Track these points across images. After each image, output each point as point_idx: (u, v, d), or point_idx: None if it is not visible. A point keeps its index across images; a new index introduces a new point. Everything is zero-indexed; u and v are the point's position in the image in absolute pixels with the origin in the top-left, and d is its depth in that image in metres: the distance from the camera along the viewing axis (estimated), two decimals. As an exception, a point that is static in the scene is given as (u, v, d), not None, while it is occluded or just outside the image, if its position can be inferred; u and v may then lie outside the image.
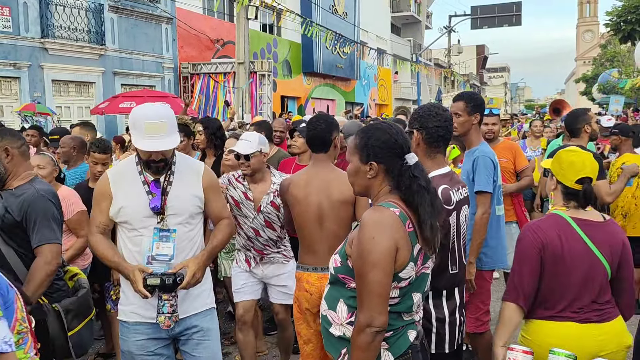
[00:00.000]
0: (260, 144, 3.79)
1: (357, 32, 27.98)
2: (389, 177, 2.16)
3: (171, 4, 17.03)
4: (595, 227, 2.53)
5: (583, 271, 2.48)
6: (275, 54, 22.08)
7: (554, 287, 2.50)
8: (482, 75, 69.42)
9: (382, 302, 2.02)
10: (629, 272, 2.58)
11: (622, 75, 28.96)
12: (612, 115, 17.65)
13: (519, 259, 2.56)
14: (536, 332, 2.54)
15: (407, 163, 2.14)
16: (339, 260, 2.20)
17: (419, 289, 2.17)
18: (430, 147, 2.74)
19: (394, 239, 2.03)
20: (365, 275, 2.03)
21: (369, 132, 2.21)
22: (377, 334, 2.02)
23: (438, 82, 44.55)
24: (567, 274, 2.48)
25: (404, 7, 39.64)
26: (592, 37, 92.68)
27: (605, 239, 2.51)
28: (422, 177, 2.14)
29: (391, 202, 2.13)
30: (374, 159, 2.16)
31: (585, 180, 2.52)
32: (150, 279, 2.59)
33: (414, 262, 2.09)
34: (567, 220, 2.53)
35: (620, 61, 39.20)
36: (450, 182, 2.72)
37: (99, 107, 12.68)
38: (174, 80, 17.57)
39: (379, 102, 32.62)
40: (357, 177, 2.23)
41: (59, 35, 13.68)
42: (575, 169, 2.53)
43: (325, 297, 2.28)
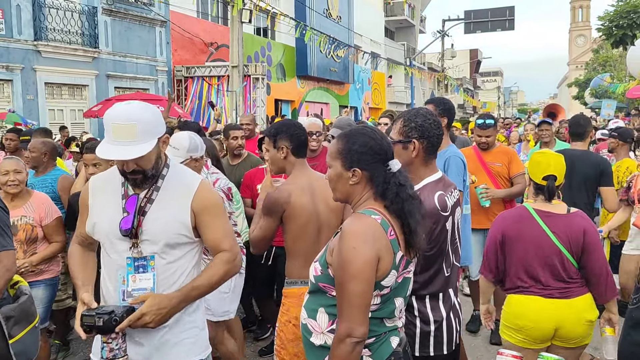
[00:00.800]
0: (190, 150, 3.42)
1: (351, 36, 28.05)
2: (371, 184, 2.11)
3: (165, 7, 17.01)
4: (556, 218, 3.00)
5: (541, 254, 2.96)
6: (269, 58, 22.09)
7: (517, 266, 3.02)
8: (475, 80, 69.73)
9: (362, 313, 1.98)
10: (596, 257, 2.94)
11: (614, 80, 29.15)
12: (604, 119, 17.71)
13: (487, 242, 3.17)
14: (510, 303, 3.06)
15: (391, 170, 2.09)
16: (320, 269, 2.15)
17: (400, 294, 2.15)
18: (428, 155, 2.66)
19: (375, 248, 1.99)
20: (345, 285, 1.98)
21: (353, 137, 2.13)
22: (356, 344, 1.98)
23: (432, 86, 44.70)
24: (525, 255, 3.00)
25: (397, 11, 39.77)
26: (585, 41, 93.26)
27: (563, 229, 2.96)
28: (408, 184, 2.09)
29: (372, 209, 2.07)
30: (358, 166, 2.09)
31: (550, 177, 3.00)
32: (86, 316, 2.10)
33: (396, 269, 2.06)
34: (529, 211, 3.04)
35: (612, 66, 39.44)
36: (444, 187, 2.69)
37: (92, 110, 12.65)
38: (168, 84, 17.54)
39: (373, 106, 32.67)
40: (338, 183, 2.16)
41: (52, 37, 13.64)
42: (541, 168, 3.02)
43: (305, 306, 2.23)
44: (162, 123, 2.28)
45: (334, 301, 2.08)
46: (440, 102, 3.92)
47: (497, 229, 3.11)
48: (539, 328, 2.94)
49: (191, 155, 3.46)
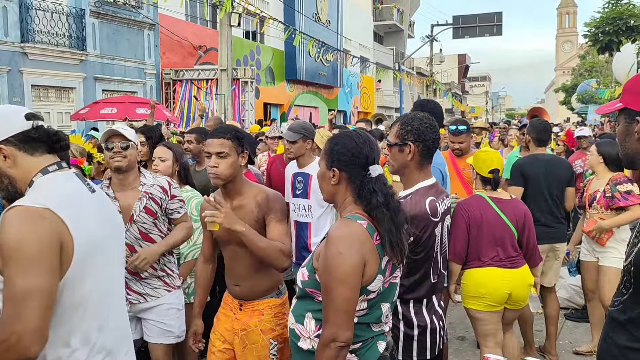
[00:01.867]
0: (136, 138, 3.33)
1: (340, 40, 28.10)
2: (351, 187, 2.14)
3: (154, 10, 16.95)
4: (505, 203, 3.67)
5: (497, 233, 3.58)
6: (258, 61, 22.07)
7: (480, 245, 3.59)
8: (463, 84, 70.14)
9: (347, 318, 2.00)
10: (531, 233, 3.71)
11: (601, 86, 29.45)
12: (590, 124, 17.88)
13: (453, 229, 3.49)
14: (473, 276, 3.63)
15: (370, 174, 2.12)
16: (307, 274, 2.16)
17: (387, 299, 2.15)
18: (423, 159, 2.68)
19: (361, 253, 2.00)
20: (331, 290, 1.99)
21: (337, 138, 2.21)
22: (341, 349, 2.00)
23: (420, 90, 44.89)
24: (486, 235, 3.58)
25: (386, 16, 39.92)
26: (571, 47, 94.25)
27: (511, 211, 3.64)
28: (381, 191, 2.09)
29: (358, 214, 2.09)
30: (337, 166, 2.15)
31: (494, 171, 3.66)
32: None
33: (382, 274, 2.07)
34: (485, 199, 3.66)
35: (598, 72, 39.84)
36: (436, 193, 2.70)
37: (80, 112, 12.54)
38: (156, 87, 17.46)
39: (362, 110, 32.75)
40: (323, 181, 2.24)
41: (39, 40, 13.54)
42: (487, 163, 3.68)
43: (293, 311, 2.24)
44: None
45: (321, 306, 2.08)
46: (427, 108, 3.76)
47: (464, 216, 3.58)
48: (497, 294, 3.58)
49: (136, 145, 3.31)
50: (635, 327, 1.63)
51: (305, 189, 4.37)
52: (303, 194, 4.39)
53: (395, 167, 2.74)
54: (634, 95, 1.67)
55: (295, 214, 4.44)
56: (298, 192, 4.42)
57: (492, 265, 3.58)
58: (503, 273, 3.58)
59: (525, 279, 3.65)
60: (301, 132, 4.39)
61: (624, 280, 1.69)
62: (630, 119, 1.67)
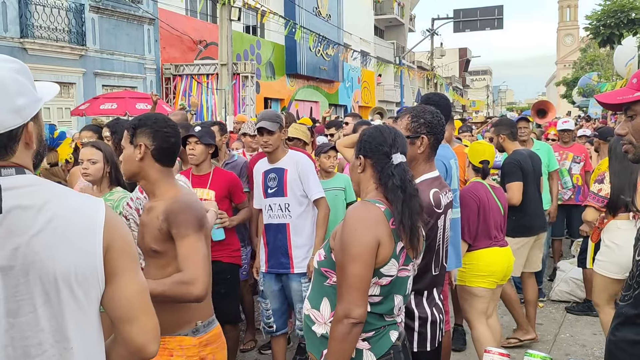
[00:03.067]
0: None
1: (341, 35, 28.03)
2: (374, 173, 2.23)
3: (153, 4, 16.90)
4: (497, 190, 4.23)
5: (494, 216, 4.03)
6: (259, 56, 22.02)
7: (487, 226, 4.00)
8: (464, 78, 70.00)
9: (361, 295, 2.05)
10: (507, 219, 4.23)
11: (602, 79, 29.37)
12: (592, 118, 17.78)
13: (466, 211, 3.91)
14: (483, 255, 3.99)
15: (392, 162, 2.19)
16: (323, 254, 2.23)
17: (400, 291, 2.20)
18: (432, 152, 2.76)
19: (376, 233, 2.07)
20: (345, 267, 2.06)
21: (367, 130, 2.34)
22: (354, 326, 2.04)
23: (421, 84, 44.80)
24: (489, 218, 4.01)
25: (387, 9, 39.80)
26: (573, 41, 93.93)
27: (501, 197, 4.18)
28: (399, 175, 2.17)
29: (377, 199, 2.18)
30: (363, 153, 2.26)
31: (484, 162, 4.09)
32: None
33: (396, 259, 2.12)
34: (485, 185, 4.11)
35: (599, 65, 39.72)
36: (439, 186, 2.75)
37: (79, 108, 12.52)
38: (156, 82, 17.43)
39: (363, 104, 32.70)
40: (353, 172, 2.34)
41: (38, 35, 13.50)
42: (479, 154, 4.13)
43: (309, 297, 2.29)
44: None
45: (335, 289, 2.14)
46: (434, 101, 3.59)
47: (474, 200, 3.97)
48: (502, 270, 4.02)
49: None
50: None
51: (281, 185, 3.98)
52: (278, 191, 3.98)
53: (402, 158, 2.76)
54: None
55: (269, 216, 4.04)
56: (271, 190, 4.01)
57: (495, 245, 4.02)
58: (503, 251, 4.06)
59: (512, 256, 4.19)
60: (278, 120, 3.99)
61: (635, 275, 1.66)
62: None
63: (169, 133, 2.34)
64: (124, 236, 1.47)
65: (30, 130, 1.44)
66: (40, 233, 1.33)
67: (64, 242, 1.35)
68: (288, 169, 3.98)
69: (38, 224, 1.34)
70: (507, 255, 4.10)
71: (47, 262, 1.32)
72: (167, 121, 2.41)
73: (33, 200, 1.36)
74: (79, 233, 1.38)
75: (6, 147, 1.38)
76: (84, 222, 1.40)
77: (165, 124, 2.36)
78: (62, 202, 1.40)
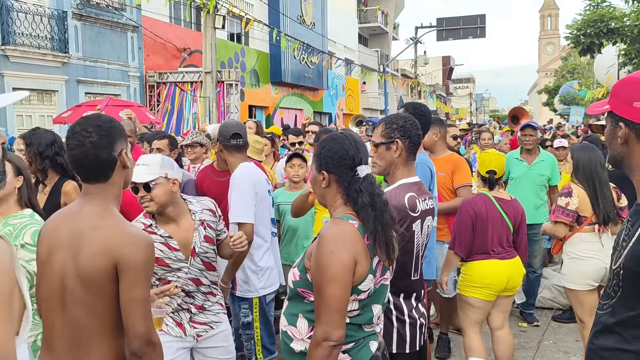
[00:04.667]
0: (163, 167, 2.87)
1: (325, 43, 28.11)
2: (340, 188, 2.18)
3: (137, 12, 16.82)
4: (506, 202, 4.05)
5: (498, 229, 3.96)
6: (243, 63, 22.00)
7: (484, 239, 3.95)
8: (448, 86, 70.52)
9: (339, 317, 2.02)
10: (523, 231, 4.12)
11: (582, 87, 29.81)
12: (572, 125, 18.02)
13: (459, 223, 3.97)
14: (478, 267, 3.98)
15: (358, 175, 2.15)
16: (298, 274, 2.18)
17: (378, 301, 2.19)
18: (409, 155, 2.77)
19: (352, 252, 2.04)
20: (323, 289, 2.02)
21: (325, 142, 2.25)
22: (334, 348, 2.02)
23: (405, 92, 45.05)
24: (490, 231, 3.95)
25: (371, 18, 40.02)
26: (554, 49, 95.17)
27: (510, 210, 4.02)
28: (367, 191, 2.13)
29: (349, 214, 2.14)
30: (325, 169, 2.20)
31: (491, 172, 4.02)
32: None
33: (373, 274, 2.10)
34: (489, 197, 4.02)
35: (580, 73, 40.30)
36: (418, 191, 2.76)
37: (62, 116, 12.39)
38: (140, 89, 17.33)
39: (347, 112, 32.78)
40: (315, 185, 2.28)
41: (20, 42, 13.36)
42: (485, 164, 4.06)
43: (285, 313, 2.26)
44: None
45: (312, 307, 2.10)
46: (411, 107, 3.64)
47: (470, 212, 3.95)
48: (499, 282, 3.96)
49: (166, 173, 2.87)
50: (625, 329, 1.64)
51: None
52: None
53: (383, 166, 2.80)
54: (619, 100, 1.68)
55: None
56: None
57: (494, 258, 3.97)
58: (502, 263, 3.99)
59: (519, 268, 4.09)
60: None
61: (612, 284, 1.69)
62: (615, 122, 1.69)
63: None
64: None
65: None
66: None
67: None
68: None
69: None
70: (509, 268, 4.00)
71: None
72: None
73: None
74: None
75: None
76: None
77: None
78: None
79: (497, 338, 4.15)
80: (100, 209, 1.99)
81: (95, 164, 1.97)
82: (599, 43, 14.59)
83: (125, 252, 1.89)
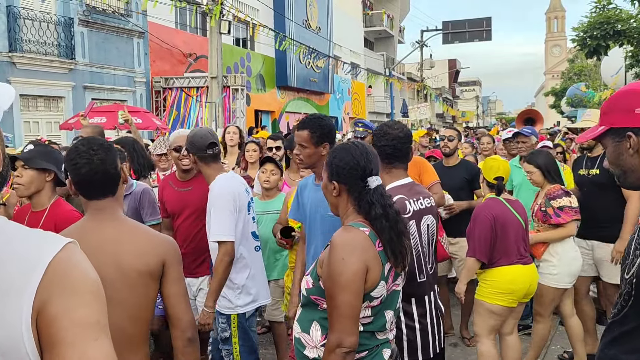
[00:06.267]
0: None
1: (331, 47, 28.17)
2: (351, 198, 2.19)
3: (143, 18, 16.92)
4: (516, 204, 4.00)
5: (515, 232, 3.86)
6: (249, 68, 22.07)
7: (506, 243, 3.84)
8: (454, 89, 70.44)
9: (352, 323, 2.03)
10: (528, 229, 4.06)
11: (590, 89, 29.67)
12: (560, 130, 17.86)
13: (477, 230, 3.86)
14: (503, 273, 3.85)
15: (369, 186, 2.16)
16: (311, 281, 2.20)
17: (390, 307, 2.19)
18: (383, 163, 2.81)
19: (364, 259, 2.05)
20: (335, 296, 2.03)
21: (335, 151, 2.26)
22: (347, 355, 2.03)
23: (411, 95, 45.04)
24: (510, 235, 3.84)
25: (376, 22, 40.06)
26: (560, 51, 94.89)
27: (521, 211, 3.96)
28: (379, 203, 2.14)
29: (360, 221, 2.15)
30: (336, 179, 2.21)
31: (499, 178, 3.95)
32: None
33: (385, 280, 2.11)
34: (502, 201, 3.93)
35: (587, 75, 40.15)
36: (408, 192, 2.79)
37: (69, 122, 12.46)
38: (146, 95, 17.41)
39: (353, 116, 32.79)
40: (326, 193, 2.29)
41: (27, 49, 13.46)
42: (493, 170, 3.99)
43: (298, 320, 2.27)
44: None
45: (325, 314, 2.12)
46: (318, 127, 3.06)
47: (488, 217, 3.83)
48: (523, 288, 3.87)
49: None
50: (636, 338, 1.62)
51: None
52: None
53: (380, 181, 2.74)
54: (617, 114, 1.65)
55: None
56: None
57: (518, 263, 3.87)
58: (525, 269, 3.90)
59: (536, 273, 4.04)
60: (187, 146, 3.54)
61: (623, 293, 1.67)
62: (619, 137, 1.65)
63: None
64: (76, 293, 1.03)
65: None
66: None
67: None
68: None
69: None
70: (530, 273, 3.94)
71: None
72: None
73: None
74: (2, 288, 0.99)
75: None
76: (9, 278, 1.00)
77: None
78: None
79: (507, 343, 4.08)
80: (120, 217, 2.09)
81: (105, 180, 2.05)
82: (605, 45, 14.55)
83: (169, 250, 2.06)
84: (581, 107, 25.79)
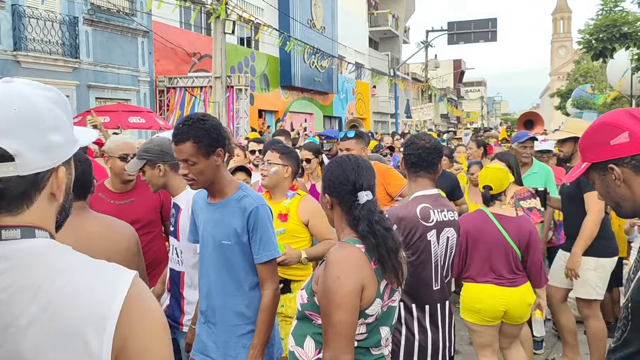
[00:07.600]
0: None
1: (335, 47, 28.13)
2: (343, 212, 2.18)
3: (147, 17, 16.92)
4: (508, 220, 3.64)
5: (498, 250, 3.57)
6: (253, 68, 22.05)
7: (478, 259, 3.62)
8: (459, 90, 70.35)
9: (347, 342, 2.01)
10: (536, 253, 3.66)
11: (595, 91, 29.55)
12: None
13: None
14: (469, 290, 3.69)
15: (358, 201, 2.12)
16: (306, 296, 2.17)
17: (386, 323, 2.17)
18: (409, 171, 2.90)
19: (359, 277, 2.02)
20: (330, 315, 2.01)
21: (330, 165, 2.26)
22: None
23: (415, 96, 44.97)
24: (486, 251, 3.59)
25: (381, 21, 40.02)
26: (566, 53, 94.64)
27: (514, 229, 3.59)
28: (366, 219, 2.08)
29: (355, 237, 2.12)
30: (328, 192, 2.21)
31: (485, 187, 3.70)
32: None
33: (381, 297, 2.08)
34: (488, 214, 3.66)
35: (593, 77, 39.99)
36: (433, 203, 2.81)
37: (73, 121, 12.49)
38: (150, 94, 17.42)
39: (357, 116, 32.75)
40: (322, 204, 2.31)
41: (32, 48, 13.47)
42: (481, 179, 3.76)
43: (293, 333, 2.25)
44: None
45: (320, 329, 2.10)
46: (199, 134, 2.53)
47: (462, 230, 3.48)
48: (492, 310, 3.61)
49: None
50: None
51: (175, 226, 3.12)
52: (174, 232, 3.15)
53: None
54: (594, 150, 1.68)
55: (170, 259, 3.23)
56: (172, 228, 3.19)
57: (489, 282, 3.62)
58: (499, 291, 3.60)
59: (524, 297, 3.65)
60: (143, 156, 3.14)
61: (622, 317, 1.67)
62: (602, 171, 1.68)
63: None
64: (152, 329, 1.05)
65: (61, 178, 1.11)
66: (32, 326, 0.96)
67: (60, 340, 0.97)
68: (182, 207, 3.08)
69: (29, 312, 0.96)
70: (507, 297, 3.60)
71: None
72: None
73: (31, 277, 0.99)
74: (77, 328, 0.97)
75: (23, 197, 1.04)
76: (85, 311, 0.98)
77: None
78: (64, 280, 1.00)
79: (507, 357, 3.98)
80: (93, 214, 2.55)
81: (88, 185, 2.49)
82: (611, 48, 14.48)
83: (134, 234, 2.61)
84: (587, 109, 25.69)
